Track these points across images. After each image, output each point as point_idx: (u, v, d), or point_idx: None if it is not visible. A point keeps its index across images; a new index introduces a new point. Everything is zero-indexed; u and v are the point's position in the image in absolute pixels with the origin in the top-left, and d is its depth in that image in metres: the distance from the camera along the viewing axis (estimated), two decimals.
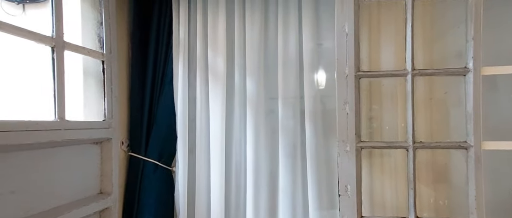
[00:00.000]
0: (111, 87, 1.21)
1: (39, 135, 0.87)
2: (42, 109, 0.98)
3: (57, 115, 0.95)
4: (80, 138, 1.04)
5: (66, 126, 0.97)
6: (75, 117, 1.14)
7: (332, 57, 1.49)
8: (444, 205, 1.26)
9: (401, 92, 1.31)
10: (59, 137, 0.94)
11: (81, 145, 1.09)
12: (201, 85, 1.57)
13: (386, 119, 1.35)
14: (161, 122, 1.53)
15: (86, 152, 1.13)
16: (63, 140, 0.96)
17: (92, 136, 1.10)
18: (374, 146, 1.25)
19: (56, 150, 0.98)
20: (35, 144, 0.87)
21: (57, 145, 0.98)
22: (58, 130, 0.94)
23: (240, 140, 1.59)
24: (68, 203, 1.04)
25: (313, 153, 1.49)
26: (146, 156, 1.50)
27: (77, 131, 1.02)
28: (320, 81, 1.55)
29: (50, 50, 1.00)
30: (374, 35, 1.42)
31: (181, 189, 1.56)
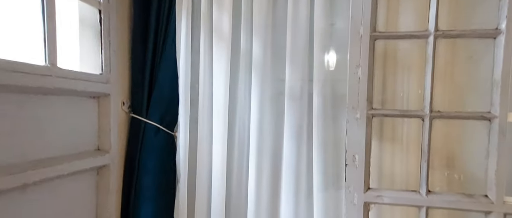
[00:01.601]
0: (109, 40, 1.15)
1: (28, 77, 0.82)
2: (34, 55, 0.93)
3: (47, 60, 0.90)
4: (74, 88, 0.99)
5: (58, 73, 0.92)
6: (70, 67, 1.09)
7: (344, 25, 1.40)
8: (459, 180, 1.17)
9: (419, 57, 1.20)
10: (51, 83, 0.89)
11: (77, 97, 1.04)
12: (205, 46, 1.49)
13: (401, 86, 1.24)
14: (163, 84, 1.47)
15: (83, 105, 1.09)
16: (55, 88, 0.91)
17: (88, 89, 1.06)
18: (386, 114, 1.16)
19: (48, 98, 0.94)
20: (25, 88, 0.83)
21: (49, 93, 0.93)
22: (49, 75, 0.89)
23: (244, 108, 1.52)
24: (63, 155, 1.01)
25: (319, 128, 1.40)
26: (148, 118, 1.46)
27: (71, 80, 0.98)
28: (330, 46, 1.44)
29: None
30: None
31: (182, 154, 1.53)
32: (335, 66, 1.45)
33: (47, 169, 0.90)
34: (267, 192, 1.49)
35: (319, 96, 1.40)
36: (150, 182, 1.44)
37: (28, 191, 0.89)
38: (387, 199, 1.15)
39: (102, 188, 1.20)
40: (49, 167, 0.90)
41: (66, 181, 1.01)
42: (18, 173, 0.81)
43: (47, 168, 0.90)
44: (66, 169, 0.96)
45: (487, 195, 1.09)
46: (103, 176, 1.19)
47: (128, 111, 1.46)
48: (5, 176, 0.78)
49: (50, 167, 0.91)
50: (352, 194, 1.17)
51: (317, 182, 1.41)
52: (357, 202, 1.17)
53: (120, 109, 1.37)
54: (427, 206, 1.11)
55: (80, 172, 1.05)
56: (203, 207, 1.55)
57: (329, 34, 1.42)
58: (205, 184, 1.54)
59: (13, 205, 0.85)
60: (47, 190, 0.95)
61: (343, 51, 1.41)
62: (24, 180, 0.83)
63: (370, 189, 1.18)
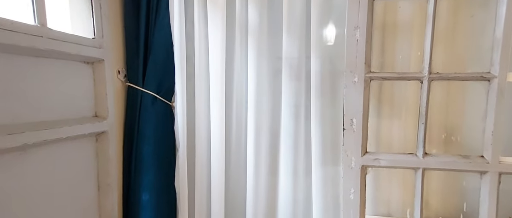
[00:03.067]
0: (99, 3, 1.11)
1: (18, 36, 0.80)
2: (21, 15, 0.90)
3: (37, 20, 0.87)
4: (67, 51, 0.98)
5: (49, 34, 0.90)
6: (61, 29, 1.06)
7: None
8: (456, 141, 1.18)
9: (419, 18, 1.16)
10: (41, 44, 0.87)
11: (70, 61, 1.03)
12: (199, 14, 1.45)
13: (401, 49, 1.22)
14: (157, 52, 1.44)
15: (77, 71, 1.08)
16: (46, 49, 0.89)
17: (81, 53, 1.04)
18: (384, 77, 1.14)
19: (40, 60, 0.92)
20: (14, 47, 0.81)
21: (41, 55, 0.92)
22: (40, 36, 0.87)
23: (241, 75, 1.50)
24: (59, 119, 1.01)
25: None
26: (144, 87, 1.45)
27: (63, 43, 0.95)
28: (328, 12, 1.39)
29: None
30: None
31: (180, 124, 1.53)
32: (333, 41, 1.41)
33: (46, 131, 0.90)
34: (266, 162, 1.50)
35: (317, 67, 1.37)
36: (149, 150, 1.45)
37: (29, 153, 0.90)
38: (384, 162, 1.16)
39: (102, 155, 1.21)
40: (48, 129, 0.90)
41: (65, 145, 1.02)
42: (17, 133, 0.81)
43: (46, 130, 0.90)
44: (65, 132, 0.97)
45: (483, 156, 1.09)
46: (102, 142, 1.20)
47: (124, 80, 1.45)
48: (4, 135, 0.78)
49: (49, 129, 0.91)
50: (349, 158, 1.18)
51: (315, 157, 1.41)
52: (354, 166, 1.18)
53: (115, 77, 1.36)
54: (424, 168, 1.12)
55: (79, 137, 1.05)
56: (203, 175, 1.57)
57: (328, 5, 1.37)
58: (204, 153, 1.56)
59: (15, 165, 0.87)
60: (47, 153, 0.96)
61: (341, 26, 1.36)
62: (24, 140, 0.83)
63: (368, 153, 1.19)
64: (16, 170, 0.87)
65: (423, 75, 1.09)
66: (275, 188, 1.52)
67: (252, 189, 1.50)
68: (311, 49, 1.37)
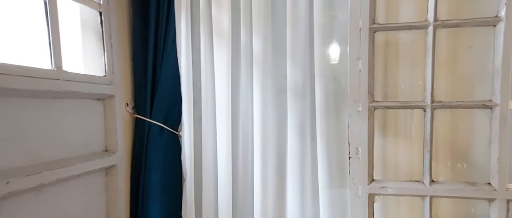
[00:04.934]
0: (110, 42, 1.17)
1: (37, 82, 0.84)
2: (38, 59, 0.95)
3: (53, 64, 0.92)
4: (80, 91, 1.01)
5: (64, 76, 0.94)
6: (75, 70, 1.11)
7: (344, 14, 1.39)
8: (462, 168, 1.18)
9: (420, 48, 1.20)
10: (58, 87, 0.91)
11: (83, 99, 1.06)
12: (205, 44, 1.50)
13: (402, 77, 1.25)
14: (165, 84, 1.48)
15: (89, 108, 1.11)
16: (63, 91, 0.93)
17: (93, 91, 1.08)
18: (388, 106, 1.17)
19: (56, 101, 0.96)
20: (33, 92, 0.85)
21: (57, 96, 0.96)
22: (56, 79, 0.91)
23: (247, 105, 1.53)
24: (72, 156, 1.03)
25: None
26: (152, 119, 1.48)
27: (77, 83, 0.99)
28: (331, 38, 1.44)
29: None
30: None
31: (187, 153, 1.54)
32: (337, 60, 1.45)
33: (61, 169, 0.92)
34: (273, 189, 1.50)
35: (321, 92, 1.40)
36: (157, 181, 1.46)
37: (44, 191, 0.92)
38: (391, 190, 1.16)
39: (111, 188, 1.23)
40: (63, 168, 0.93)
41: (77, 181, 1.04)
42: (35, 174, 0.84)
43: (61, 169, 0.92)
44: (78, 169, 0.99)
45: (490, 183, 1.10)
46: (112, 176, 1.22)
47: (132, 112, 1.48)
48: (23, 177, 0.81)
49: (64, 168, 0.93)
50: (356, 186, 1.19)
51: (322, 179, 1.42)
52: (361, 194, 1.18)
53: (124, 110, 1.39)
54: (431, 195, 1.12)
55: (90, 172, 1.07)
56: (210, 205, 1.57)
57: (330, 27, 1.42)
58: (211, 182, 1.56)
59: (30, 204, 0.88)
60: (60, 190, 0.98)
61: (345, 44, 1.41)
62: (41, 181, 0.85)
63: (374, 181, 1.19)
64: (30, 209, 0.89)
65: (426, 104, 1.11)
66: (283, 212, 1.51)
67: (259, 214, 1.49)
68: (315, 71, 1.40)
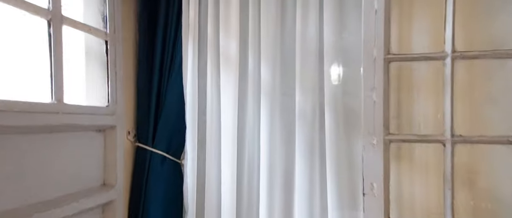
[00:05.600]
0: (115, 71, 1.12)
1: (35, 117, 0.79)
2: (38, 90, 0.90)
3: (54, 97, 0.87)
4: (80, 123, 0.96)
5: (65, 109, 0.89)
6: (76, 101, 1.06)
7: (356, 43, 1.37)
8: (486, 209, 1.10)
9: (435, 78, 1.15)
10: (57, 121, 0.86)
11: (82, 132, 1.00)
12: (212, 72, 1.46)
13: (417, 109, 1.19)
14: (169, 111, 1.44)
15: (88, 140, 1.05)
16: (62, 125, 0.88)
17: (94, 123, 1.02)
18: (404, 139, 1.11)
19: (54, 135, 0.90)
20: (31, 127, 0.80)
21: (55, 130, 0.90)
22: (56, 113, 0.85)
23: (253, 133, 1.47)
24: (67, 194, 0.96)
25: (333, 148, 1.36)
26: (154, 147, 1.42)
27: (77, 115, 0.94)
28: (344, 73, 1.40)
29: (46, 24, 0.91)
30: (404, 14, 1.26)
31: (190, 183, 1.47)
32: (346, 81, 1.39)
33: (55, 210, 0.85)
34: None
35: (330, 115, 1.35)
36: (157, 213, 1.37)
37: None
38: None
39: None
40: (56, 209, 0.85)
41: None
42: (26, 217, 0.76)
43: (54, 210, 0.85)
44: (73, 209, 0.91)
45: None
46: (109, 211, 1.14)
47: (134, 140, 1.42)
48: None
49: (57, 209, 0.86)
50: None
51: (331, 204, 1.34)
52: None
53: (125, 138, 1.33)
54: None
55: (86, 210, 0.99)
56: None
57: (341, 51, 1.38)
58: (214, 215, 1.47)
59: None
60: None
61: (356, 68, 1.36)
62: None
63: None
64: None
65: (445, 138, 1.05)
66: None
67: None
68: (325, 97, 1.35)
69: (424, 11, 1.21)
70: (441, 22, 1.10)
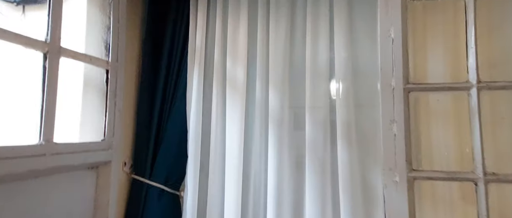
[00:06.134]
0: (114, 101, 1.03)
1: (17, 163, 0.69)
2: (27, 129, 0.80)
3: (42, 137, 0.77)
4: (71, 163, 0.86)
5: (53, 149, 0.79)
6: (68, 138, 0.96)
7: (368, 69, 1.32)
8: None
9: (457, 109, 1.08)
10: (43, 164, 0.75)
11: (73, 172, 0.89)
12: (217, 98, 1.38)
13: (440, 142, 1.10)
14: (170, 140, 1.35)
15: (78, 179, 0.94)
16: (48, 168, 0.77)
17: (87, 160, 0.92)
18: (430, 176, 1.01)
19: (39, 180, 0.79)
20: (12, 175, 0.69)
21: (42, 174, 0.79)
22: (42, 155, 0.75)
23: (260, 161, 1.37)
24: None
25: (346, 177, 1.25)
26: (151, 179, 1.31)
27: (68, 155, 0.84)
28: (354, 97, 1.32)
29: (41, 57, 0.83)
30: (417, 42, 1.20)
31: (189, 217, 1.34)
32: (359, 106, 1.31)
33: None
34: None
35: (343, 142, 1.26)
36: None
37: None
38: None
39: None
40: None
41: None
42: None
43: None
44: None
45: None
46: None
47: (130, 172, 1.31)
48: None
49: None
50: None
51: None
52: None
53: (121, 170, 1.22)
54: None
55: None
56: None
57: (351, 74, 1.31)
58: None
59: None
60: None
61: (366, 89, 1.31)
62: None
63: None
64: None
65: (477, 177, 0.95)
66: None
67: None
68: (338, 131, 1.27)
69: (440, 39, 1.16)
70: (458, 50, 1.03)
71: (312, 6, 1.33)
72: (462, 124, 1.03)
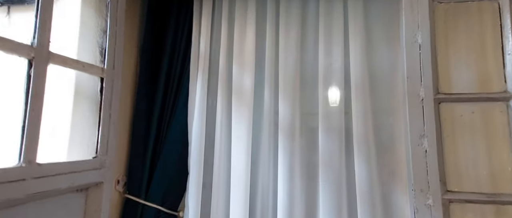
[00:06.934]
0: (109, 113, 0.91)
1: None
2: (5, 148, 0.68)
3: (23, 158, 0.63)
4: (56, 187, 0.72)
5: (36, 172, 0.66)
6: (54, 156, 0.82)
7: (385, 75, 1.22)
8: None
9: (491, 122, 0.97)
10: (23, 191, 0.62)
11: (58, 196, 0.76)
12: (222, 107, 1.26)
13: (476, 159, 0.99)
14: (169, 155, 1.22)
15: (64, 205, 0.80)
16: (29, 195, 0.63)
17: (75, 182, 0.78)
18: (469, 199, 0.90)
19: (16, 211, 0.65)
20: None
21: (19, 203, 0.65)
22: (22, 180, 0.62)
23: (269, 177, 1.25)
24: None
25: (365, 195, 1.14)
26: (147, 199, 1.18)
27: (53, 178, 0.71)
28: (371, 104, 1.22)
29: (26, 64, 0.71)
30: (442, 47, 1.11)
31: None
32: (376, 117, 1.21)
33: None
34: None
35: (360, 156, 1.15)
36: None
37: None
38: None
39: None
40: None
41: None
42: None
43: None
44: None
45: None
46: None
47: (123, 191, 1.18)
48: None
49: None
50: None
51: None
52: None
53: (113, 190, 1.08)
54: None
55: None
56: None
57: (368, 82, 1.21)
58: None
59: None
60: None
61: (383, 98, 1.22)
62: None
63: None
64: None
65: None
66: None
67: None
68: (354, 141, 1.17)
69: (467, 45, 1.06)
70: (490, 57, 0.94)
71: (325, 8, 1.23)
72: (496, 137, 0.93)
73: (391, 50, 1.24)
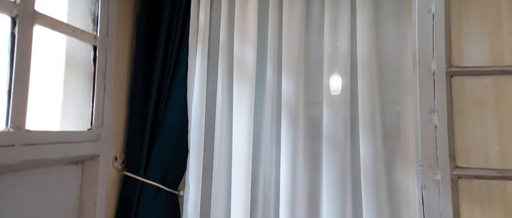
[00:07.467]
0: (103, 84, 0.86)
1: None
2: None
3: (10, 123, 0.59)
4: (49, 157, 0.68)
5: (25, 139, 0.62)
6: (46, 126, 0.78)
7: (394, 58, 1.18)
8: None
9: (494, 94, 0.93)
10: (12, 157, 0.58)
11: (51, 167, 0.72)
12: (223, 84, 1.22)
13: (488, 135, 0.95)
14: (168, 132, 1.19)
15: (59, 176, 0.77)
16: (18, 162, 0.60)
17: (69, 153, 0.75)
18: (479, 174, 0.87)
19: (6, 178, 0.62)
20: None
21: (9, 170, 0.62)
22: (10, 146, 0.58)
23: (271, 157, 1.23)
24: None
25: (369, 174, 1.12)
26: (146, 177, 1.15)
27: (45, 146, 0.67)
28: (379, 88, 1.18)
29: (10, 22, 0.66)
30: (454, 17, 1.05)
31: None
32: (383, 95, 1.18)
33: None
34: None
35: (365, 135, 1.12)
36: None
37: None
38: None
39: None
40: None
41: None
42: None
43: None
44: None
45: None
46: None
47: (121, 168, 1.15)
48: None
49: None
50: None
51: None
52: None
53: (111, 166, 1.05)
54: None
55: None
56: None
57: (375, 59, 1.17)
58: None
59: None
60: None
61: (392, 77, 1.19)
62: None
63: None
64: None
65: None
66: None
67: None
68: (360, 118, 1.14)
69: (481, 14, 1.00)
70: (502, 28, 0.89)
71: None
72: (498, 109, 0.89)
73: (400, 29, 1.20)
